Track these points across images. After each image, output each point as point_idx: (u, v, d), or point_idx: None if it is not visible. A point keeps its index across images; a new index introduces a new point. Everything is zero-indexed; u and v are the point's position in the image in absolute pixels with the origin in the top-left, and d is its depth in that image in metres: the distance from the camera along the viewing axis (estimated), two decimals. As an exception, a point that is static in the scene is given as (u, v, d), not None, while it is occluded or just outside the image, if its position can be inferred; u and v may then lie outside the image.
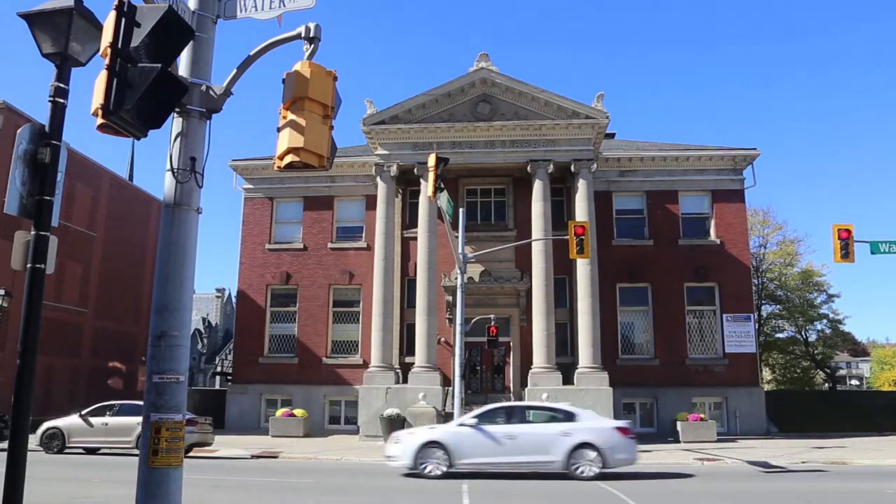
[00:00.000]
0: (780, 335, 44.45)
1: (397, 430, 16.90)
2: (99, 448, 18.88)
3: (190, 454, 17.15)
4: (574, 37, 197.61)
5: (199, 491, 11.29)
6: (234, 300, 37.16)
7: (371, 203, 27.38)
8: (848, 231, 17.97)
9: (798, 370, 45.97)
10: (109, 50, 4.09)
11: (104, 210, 33.78)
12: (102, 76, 4.09)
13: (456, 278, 21.44)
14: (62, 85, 5.28)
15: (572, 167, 24.97)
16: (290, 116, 4.77)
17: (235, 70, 5.07)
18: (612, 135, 32.46)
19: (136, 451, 15.73)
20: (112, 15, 4.15)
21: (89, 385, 31.62)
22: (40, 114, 34.14)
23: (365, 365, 25.62)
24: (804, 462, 17.08)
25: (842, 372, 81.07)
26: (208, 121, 4.90)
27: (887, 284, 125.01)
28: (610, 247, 26.87)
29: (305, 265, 28.46)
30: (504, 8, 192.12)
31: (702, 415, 23.98)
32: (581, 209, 24.61)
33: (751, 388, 26.28)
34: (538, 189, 24.92)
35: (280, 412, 25.36)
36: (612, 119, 26.69)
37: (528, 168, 25.17)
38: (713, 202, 27.87)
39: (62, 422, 19.12)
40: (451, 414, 20.88)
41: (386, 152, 25.67)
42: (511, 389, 26.77)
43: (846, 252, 17.87)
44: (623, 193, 28.15)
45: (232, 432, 25.37)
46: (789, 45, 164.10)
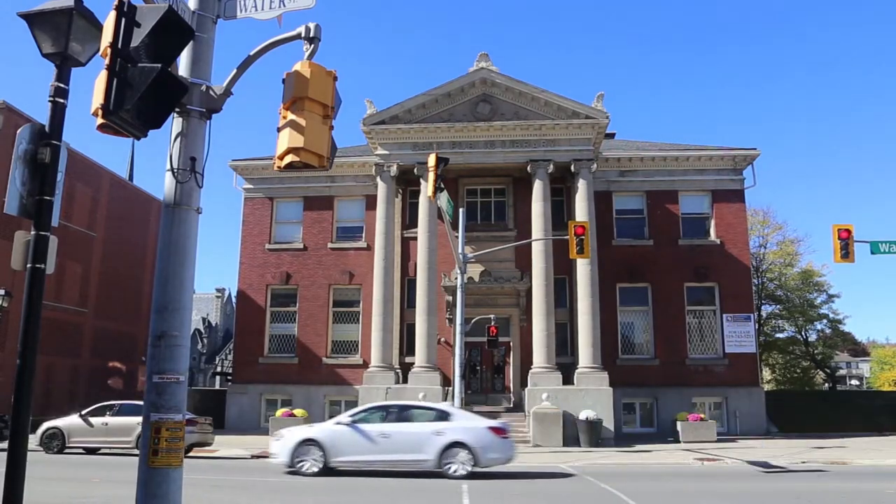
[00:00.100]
0: (780, 335, 44.42)
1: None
2: (99, 448, 18.87)
3: (190, 454, 17.15)
4: (574, 37, 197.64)
5: (199, 491, 11.30)
6: (234, 300, 37.16)
7: (371, 203, 27.38)
8: (848, 231, 17.99)
9: (798, 370, 45.95)
10: (109, 50, 4.09)
11: (104, 210, 33.78)
12: (102, 76, 4.09)
13: (456, 278, 21.44)
14: (62, 85, 5.29)
15: (572, 167, 24.97)
16: (290, 116, 4.78)
17: (235, 70, 5.08)
18: (612, 135, 32.46)
19: (136, 451, 15.72)
20: (112, 15, 4.15)
21: (89, 385, 31.62)
22: (40, 114, 34.15)
23: (365, 365, 25.62)
24: (804, 462, 17.08)
25: (842, 372, 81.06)
26: (208, 121, 4.90)
27: (887, 284, 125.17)
28: (610, 247, 26.87)
29: (305, 265, 28.45)
30: (504, 8, 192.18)
31: (702, 415, 23.97)
32: (581, 209, 24.61)
33: (751, 388, 26.29)
34: (538, 189, 24.91)
35: (280, 412, 25.32)
36: (612, 119, 26.70)
37: (528, 168, 25.16)
38: (713, 202, 27.87)
39: (62, 422, 19.11)
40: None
41: (386, 152, 25.67)
42: (511, 389, 26.79)
43: (846, 252, 17.88)
44: (623, 193, 28.15)
45: (232, 432, 25.37)
46: (789, 45, 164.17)
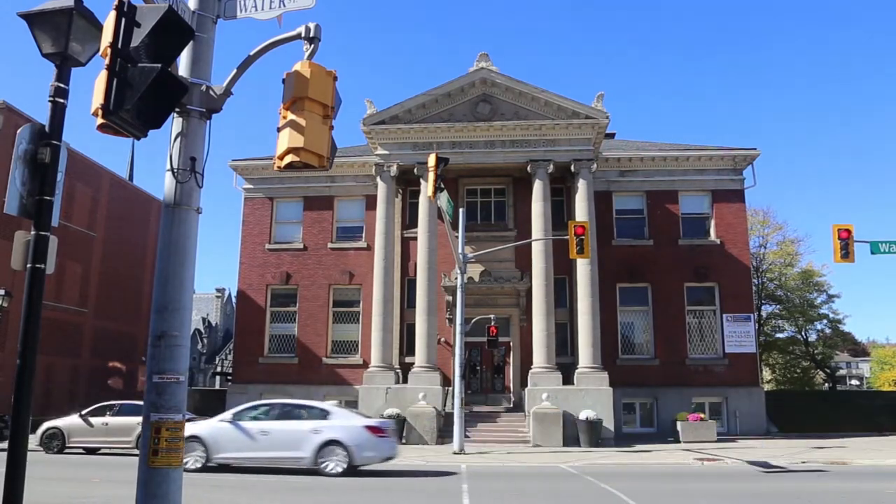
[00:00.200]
0: (780, 335, 44.39)
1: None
2: (99, 448, 18.88)
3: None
4: (574, 37, 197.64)
5: (199, 491, 11.30)
6: (234, 300, 37.15)
7: (371, 203, 27.37)
8: (848, 231, 17.98)
9: (798, 370, 45.93)
10: (109, 50, 4.09)
11: (104, 210, 33.77)
12: (102, 76, 4.09)
13: (456, 278, 21.45)
14: (62, 85, 5.29)
15: (572, 167, 24.96)
16: (290, 116, 4.78)
17: (235, 70, 5.08)
18: (612, 135, 32.46)
19: (137, 451, 15.74)
20: (112, 15, 4.15)
21: (89, 385, 31.63)
22: (40, 114, 34.15)
23: (365, 365, 25.62)
24: (804, 462, 17.07)
25: (842, 372, 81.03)
26: (208, 121, 4.91)
27: (887, 284, 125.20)
28: (610, 247, 26.87)
29: (305, 265, 28.45)
30: (504, 8, 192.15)
31: (702, 415, 23.97)
32: (581, 209, 24.60)
33: (751, 388, 26.28)
34: (538, 189, 24.91)
35: (280, 412, 25.36)
36: (612, 119, 26.70)
37: (528, 168, 25.16)
38: (713, 202, 27.86)
39: (62, 422, 19.13)
40: (451, 414, 20.92)
41: (386, 152, 25.66)
42: (511, 389, 26.79)
43: (846, 252, 17.88)
44: (623, 193, 28.14)
45: (232, 432, 25.33)
46: (789, 45, 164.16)
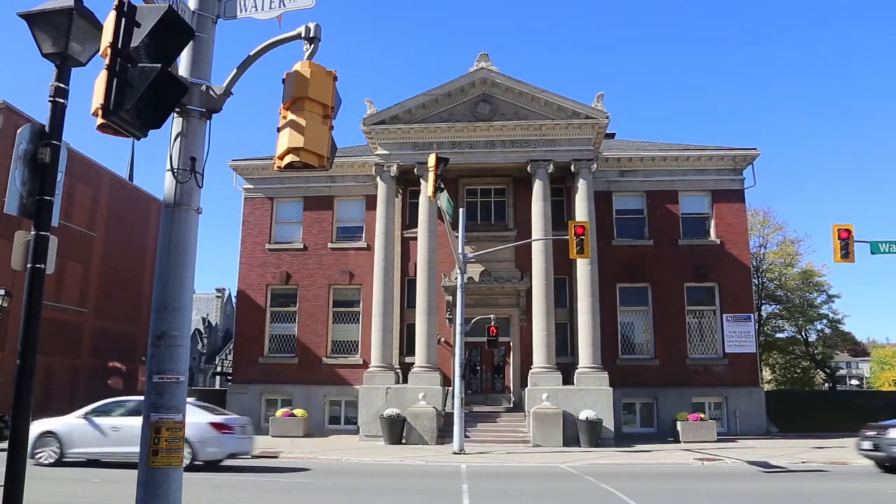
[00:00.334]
0: (780, 335, 44.41)
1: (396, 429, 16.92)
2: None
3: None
4: (574, 37, 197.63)
5: (199, 491, 11.30)
6: (234, 300, 37.15)
7: (371, 203, 27.37)
8: (848, 231, 17.98)
9: (798, 370, 45.96)
10: (109, 50, 4.09)
11: (104, 210, 33.76)
12: (102, 76, 4.09)
13: (456, 278, 21.45)
14: (62, 85, 5.29)
15: (572, 167, 24.96)
16: (290, 116, 4.78)
17: (235, 70, 5.08)
18: (612, 135, 32.45)
19: (136, 451, 15.82)
20: (112, 15, 4.15)
21: (89, 385, 31.59)
22: (40, 114, 34.14)
23: (365, 365, 25.61)
24: (804, 462, 17.08)
25: (842, 372, 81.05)
26: (208, 121, 4.90)
27: (887, 284, 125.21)
28: (610, 247, 26.86)
29: (305, 265, 28.45)
30: (504, 8, 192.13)
31: (702, 415, 23.97)
32: (581, 209, 24.60)
33: (751, 388, 26.28)
34: (538, 189, 24.90)
35: (280, 412, 25.38)
36: (612, 119, 26.69)
37: (528, 168, 25.15)
38: (713, 202, 27.86)
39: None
40: (451, 414, 20.92)
41: (386, 152, 25.66)
42: (511, 389, 26.80)
43: (846, 252, 17.87)
44: (623, 193, 28.13)
45: (232, 432, 25.33)
46: (789, 45, 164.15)
